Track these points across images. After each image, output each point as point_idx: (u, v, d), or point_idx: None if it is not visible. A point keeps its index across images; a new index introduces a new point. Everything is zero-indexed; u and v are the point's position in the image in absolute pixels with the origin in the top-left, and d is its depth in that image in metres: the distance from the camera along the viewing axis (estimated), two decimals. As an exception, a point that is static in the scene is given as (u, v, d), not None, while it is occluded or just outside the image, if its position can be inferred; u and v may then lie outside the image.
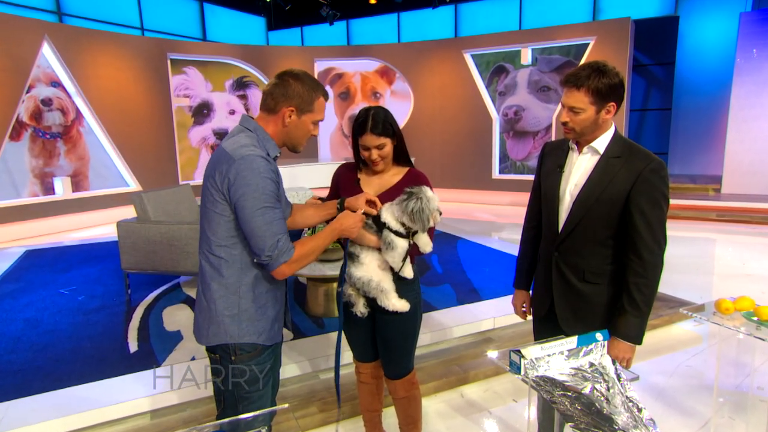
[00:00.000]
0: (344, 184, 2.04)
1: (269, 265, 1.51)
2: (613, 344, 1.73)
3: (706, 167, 10.30)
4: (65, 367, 2.96)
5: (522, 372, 1.45)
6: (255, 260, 1.53)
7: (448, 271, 4.73)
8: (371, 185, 1.99)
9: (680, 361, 3.36)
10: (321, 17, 11.36)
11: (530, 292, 2.09)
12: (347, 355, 3.00)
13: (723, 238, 6.88)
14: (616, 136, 1.73)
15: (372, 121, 1.86)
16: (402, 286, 1.97)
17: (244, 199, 1.46)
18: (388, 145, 1.89)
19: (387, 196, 1.92)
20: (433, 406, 2.85)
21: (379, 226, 1.84)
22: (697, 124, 10.29)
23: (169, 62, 9.29)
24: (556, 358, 1.49)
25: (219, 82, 10.10)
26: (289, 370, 3.02)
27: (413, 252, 1.90)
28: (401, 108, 10.61)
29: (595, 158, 1.72)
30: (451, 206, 9.41)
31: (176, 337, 3.34)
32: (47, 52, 7.74)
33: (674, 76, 10.31)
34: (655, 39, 10.27)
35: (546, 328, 1.96)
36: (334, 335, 3.30)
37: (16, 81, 7.31)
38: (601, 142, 1.72)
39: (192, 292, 4.26)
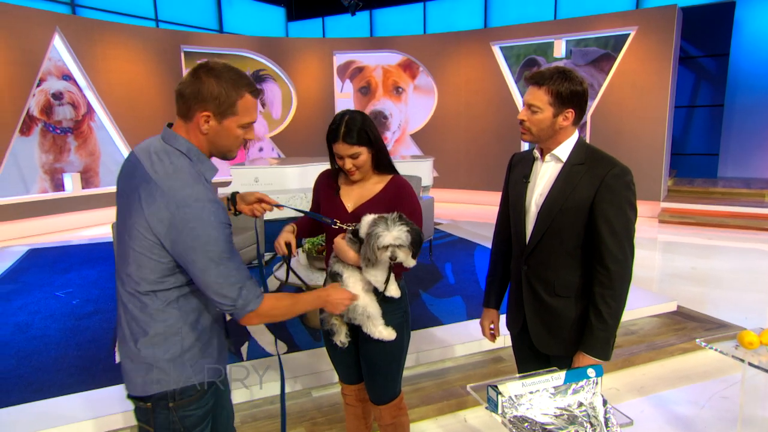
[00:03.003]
0: (324, 195, 2.00)
1: (234, 315, 1.40)
2: (579, 359, 1.72)
3: (762, 170, 9.82)
4: (47, 377, 3.01)
5: (499, 410, 1.37)
6: (216, 308, 1.43)
7: (462, 281, 4.62)
8: (351, 195, 1.94)
9: (714, 391, 3.18)
10: (343, 7, 11.37)
11: (500, 311, 2.09)
12: (331, 375, 2.98)
13: (778, 250, 6.54)
14: (579, 142, 1.74)
15: (345, 128, 1.80)
16: (387, 304, 1.91)
17: (193, 253, 1.30)
18: (363, 154, 1.83)
19: (367, 207, 1.86)
20: (430, 432, 2.77)
21: (361, 240, 1.78)
22: (752, 123, 9.82)
23: (182, 55, 9.46)
24: (541, 395, 1.40)
25: (234, 75, 10.22)
26: (277, 387, 2.99)
27: (397, 268, 1.83)
28: (424, 104, 10.52)
29: (559, 166, 1.74)
30: (475, 209, 9.26)
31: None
32: (58, 44, 7.98)
33: (728, 69, 9.88)
34: (707, 28, 9.86)
35: (523, 345, 1.96)
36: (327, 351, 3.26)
37: (27, 74, 7.57)
38: (564, 150, 1.73)
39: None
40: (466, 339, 3.45)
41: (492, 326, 2.08)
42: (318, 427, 2.69)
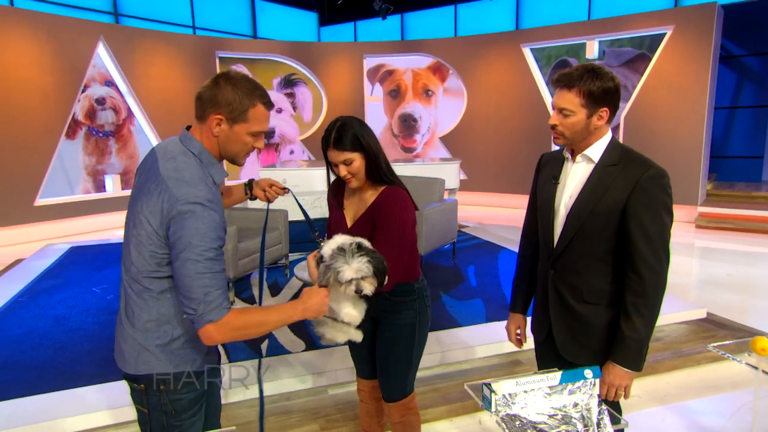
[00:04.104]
0: (331, 208, 2.03)
1: (195, 323, 1.37)
2: (609, 369, 1.65)
3: (810, 174, 9.36)
4: (79, 367, 3.16)
5: (493, 408, 1.37)
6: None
7: (484, 284, 4.60)
8: (351, 207, 1.96)
9: (743, 402, 3.06)
10: (375, 11, 11.46)
11: (527, 315, 2.02)
12: (345, 373, 3.00)
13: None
14: (613, 142, 1.67)
15: (336, 134, 1.78)
16: (399, 303, 1.94)
17: (178, 245, 1.35)
18: (356, 160, 1.79)
19: (362, 221, 1.88)
20: (443, 433, 2.78)
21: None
22: (800, 125, 9.38)
23: (217, 60, 9.75)
24: (536, 395, 1.40)
25: (267, 79, 10.46)
26: (295, 383, 3.06)
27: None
28: (454, 107, 10.49)
29: (590, 167, 1.67)
30: (504, 212, 9.16)
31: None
32: (102, 52, 8.37)
33: (773, 68, 9.47)
34: (751, 26, 9.48)
35: (547, 353, 1.89)
36: (347, 348, 3.31)
37: (73, 81, 7.96)
38: (596, 150, 1.66)
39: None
40: (484, 341, 3.43)
41: (518, 331, 2.02)
42: (332, 424, 2.74)
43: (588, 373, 1.43)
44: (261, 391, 1.81)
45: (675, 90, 7.94)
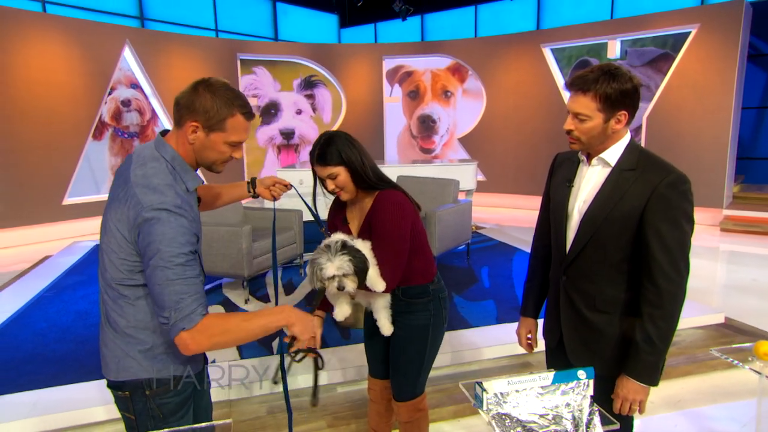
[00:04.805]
0: (335, 223, 2.06)
1: (169, 331, 1.33)
2: (623, 383, 1.59)
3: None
4: (99, 361, 3.26)
5: (484, 407, 1.39)
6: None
7: (496, 285, 4.59)
8: (354, 219, 2.00)
9: (762, 409, 2.99)
10: (395, 13, 11.50)
11: (538, 319, 1.97)
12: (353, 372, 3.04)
13: None
14: (631, 146, 1.60)
15: (319, 150, 1.82)
16: (413, 304, 1.97)
17: (147, 252, 1.33)
18: (341, 174, 1.83)
19: (364, 227, 1.91)
20: (449, 433, 2.80)
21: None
22: (833, 125, 9.06)
23: (238, 62, 9.91)
24: (528, 394, 1.41)
25: (287, 81, 10.60)
26: (306, 380, 3.10)
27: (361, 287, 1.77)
28: (473, 108, 10.45)
29: (606, 171, 1.60)
30: (522, 214, 9.08)
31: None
32: (128, 55, 8.60)
33: (804, 67, 9.16)
34: (781, 24, 9.18)
35: (558, 360, 1.84)
36: (359, 347, 3.34)
37: (100, 83, 8.21)
38: (613, 153, 1.59)
39: (231, 295, 4.51)
40: (494, 343, 3.43)
41: (529, 336, 1.97)
42: (339, 421, 2.78)
43: (581, 374, 1.43)
44: (285, 388, 1.88)
45: (700, 90, 7.76)
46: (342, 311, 1.83)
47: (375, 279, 1.78)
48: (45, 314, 4.16)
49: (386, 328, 1.93)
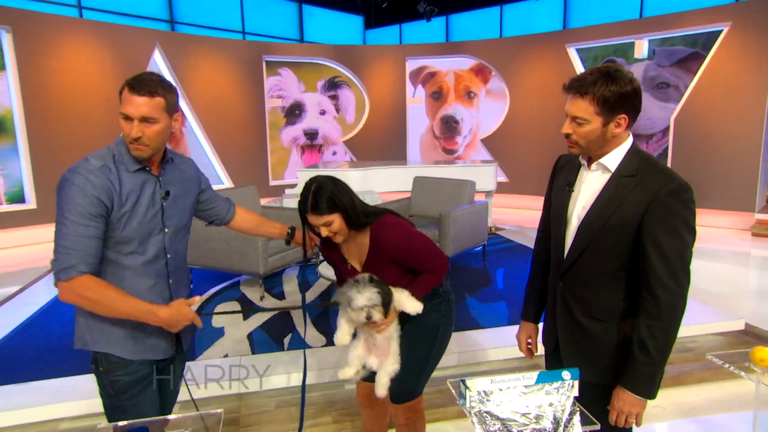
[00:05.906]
0: (333, 260, 2.11)
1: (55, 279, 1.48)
2: (619, 395, 1.56)
3: None
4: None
5: (467, 404, 1.41)
6: None
7: (510, 286, 4.57)
8: (353, 255, 2.04)
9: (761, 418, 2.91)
10: (419, 14, 11.50)
11: (539, 324, 1.95)
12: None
13: None
14: (632, 151, 1.55)
15: (312, 200, 1.84)
16: (425, 305, 1.97)
17: (57, 209, 1.51)
18: (336, 220, 1.85)
19: (372, 257, 1.95)
20: (452, 433, 2.81)
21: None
22: None
23: (264, 64, 10.10)
24: (511, 393, 1.42)
25: (311, 82, 10.73)
26: (313, 377, 3.16)
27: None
28: (496, 109, 10.37)
29: (606, 176, 1.57)
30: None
31: (218, 333, 3.67)
32: (158, 58, 8.86)
33: None
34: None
35: (555, 366, 1.81)
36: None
37: (130, 86, 8.47)
38: (613, 158, 1.55)
39: (249, 292, 4.62)
40: (503, 344, 3.42)
41: (529, 341, 1.95)
42: (344, 417, 2.83)
43: (566, 374, 1.43)
44: (303, 385, 1.97)
45: (731, 90, 7.53)
46: (342, 333, 1.93)
47: (408, 301, 1.90)
48: (70, 307, 4.28)
49: (382, 389, 1.96)
